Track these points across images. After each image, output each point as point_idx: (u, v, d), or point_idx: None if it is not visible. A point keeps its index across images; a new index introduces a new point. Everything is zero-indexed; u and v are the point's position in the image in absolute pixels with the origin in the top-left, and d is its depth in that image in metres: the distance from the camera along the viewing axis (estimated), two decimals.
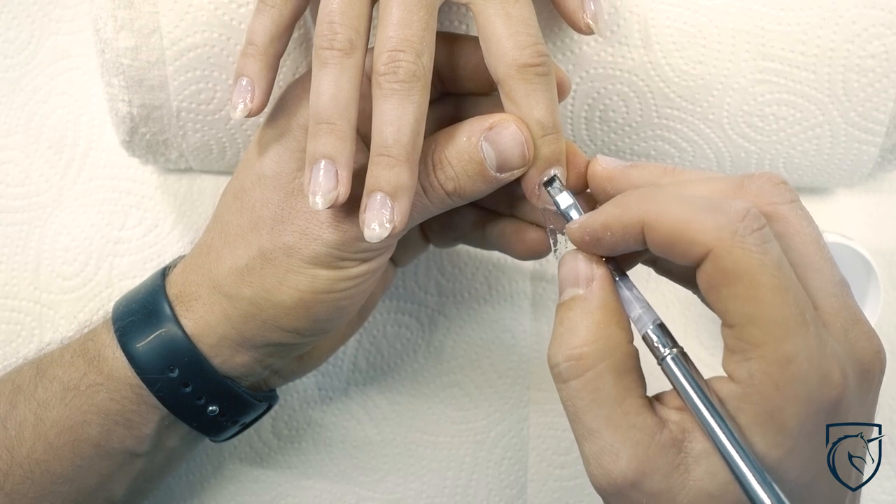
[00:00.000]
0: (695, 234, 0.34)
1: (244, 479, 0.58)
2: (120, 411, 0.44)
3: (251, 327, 0.43)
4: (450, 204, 0.42)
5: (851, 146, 0.49)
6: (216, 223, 0.45)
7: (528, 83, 0.39)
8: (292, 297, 0.42)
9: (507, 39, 0.39)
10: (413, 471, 0.58)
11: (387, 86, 0.38)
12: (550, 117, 0.40)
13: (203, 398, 0.44)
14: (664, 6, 0.46)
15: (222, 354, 0.44)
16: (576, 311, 0.37)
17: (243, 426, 0.48)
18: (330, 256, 0.41)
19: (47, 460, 0.44)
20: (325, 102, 0.38)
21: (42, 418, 0.44)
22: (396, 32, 0.38)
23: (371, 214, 0.38)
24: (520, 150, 0.39)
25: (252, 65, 0.42)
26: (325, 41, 0.39)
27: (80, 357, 0.45)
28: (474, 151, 0.40)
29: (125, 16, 0.46)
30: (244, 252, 0.43)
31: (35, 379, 0.45)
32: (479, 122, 0.40)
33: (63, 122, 0.57)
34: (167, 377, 0.44)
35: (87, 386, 0.44)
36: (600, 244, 0.37)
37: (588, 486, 0.59)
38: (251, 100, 0.41)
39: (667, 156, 0.50)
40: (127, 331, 0.44)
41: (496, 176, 0.40)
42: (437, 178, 0.41)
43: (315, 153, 0.39)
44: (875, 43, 0.46)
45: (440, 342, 0.58)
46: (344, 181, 0.38)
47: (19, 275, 0.57)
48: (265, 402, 0.48)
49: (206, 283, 0.44)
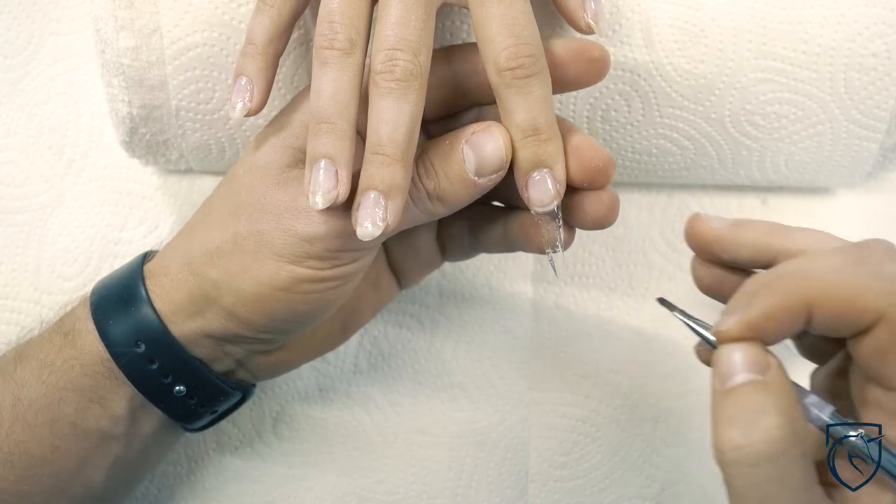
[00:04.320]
0: (865, 304, 0.34)
1: (245, 479, 0.58)
2: (93, 387, 0.45)
3: (209, 311, 0.44)
4: (431, 209, 0.42)
5: (852, 144, 0.49)
6: (203, 206, 0.46)
7: (506, 87, 0.39)
8: (251, 287, 0.42)
9: (490, 43, 0.39)
10: (414, 471, 0.58)
11: (383, 84, 0.38)
12: (531, 119, 0.39)
13: (169, 376, 0.44)
14: (666, 5, 0.46)
15: (187, 335, 0.44)
16: (761, 396, 0.35)
17: (216, 414, 0.48)
18: (300, 250, 0.41)
19: (25, 441, 0.45)
20: (325, 102, 0.38)
21: (20, 398, 0.45)
22: (394, 31, 0.38)
23: (364, 213, 0.38)
24: (497, 154, 0.40)
25: (251, 64, 0.42)
26: (325, 41, 0.39)
27: (56, 333, 0.46)
28: (455, 154, 0.40)
29: (126, 16, 0.46)
30: (219, 234, 0.43)
31: (14, 361, 0.46)
32: (466, 128, 0.41)
33: (63, 123, 0.57)
34: (133, 352, 0.44)
35: (63, 361, 0.45)
36: (766, 336, 0.36)
37: (589, 487, 0.59)
38: (250, 99, 0.42)
39: (668, 154, 0.50)
40: (100, 306, 0.45)
41: (475, 180, 0.40)
42: (422, 182, 0.41)
43: (315, 153, 0.39)
44: (876, 41, 0.46)
45: (441, 343, 0.58)
46: (344, 181, 0.39)
47: (19, 275, 0.57)
48: (238, 391, 0.48)
49: (179, 259, 0.44)
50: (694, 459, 0.58)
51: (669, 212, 0.57)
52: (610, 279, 0.57)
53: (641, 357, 0.58)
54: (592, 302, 0.58)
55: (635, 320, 0.58)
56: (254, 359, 0.48)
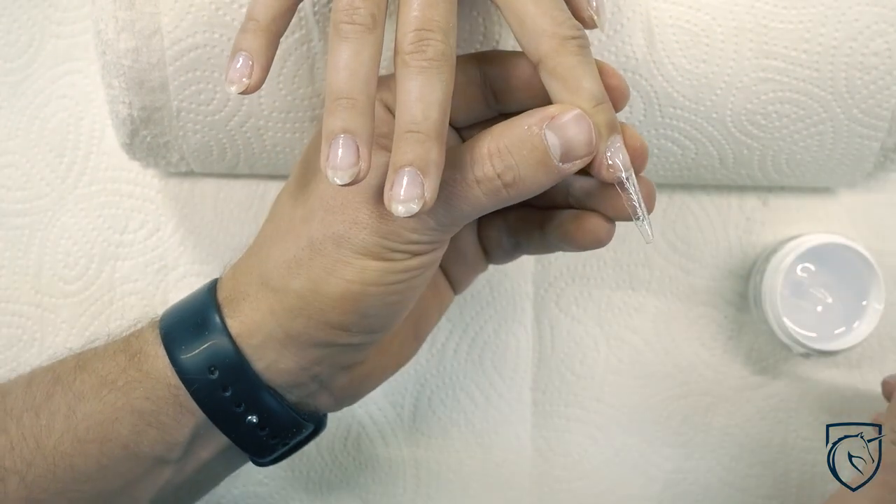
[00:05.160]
0: None
1: (248, 482, 0.58)
2: (154, 412, 0.43)
3: (297, 323, 0.42)
4: (504, 198, 0.40)
5: (853, 143, 0.49)
6: (269, 222, 0.45)
7: (573, 55, 0.38)
8: (340, 287, 0.41)
9: (542, 17, 0.38)
10: (414, 472, 0.58)
11: (415, 64, 0.37)
12: (599, 87, 0.39)
13: (242, 405, 0.43)
14: (667, 5, 0.46)
15: (267, 357, 0.43)
16: None
17: (286, 448, 0.46)
18: (379, 246, 0.40)
19: (72, 455, 0.43)
20: (344, 77, 0.37)
21: (75, 410, 0.43)
22: (422, 12, 0.37)
23: (400, 189, 0.36)
24: (586, 136, 0.38)
25: (252, 40, 0.40)
26: (345, 15, 0.37)
27: (122, 353, 0.44)
28: (537, 140, 0.38)
29: (126, 17, 0.46)
30: (293, 244, 0.42)
31: (75, 370, 0.44)
32: (540, 112, 0.39)
33: (64, 126, 0.57)
34: (206, 378, 0.42)
35: (125, 382, 0.43)
36: None
37: (589, 488, 0.59)
38: (248, 76, 0.40)
39: (669, 154, 0.50)
40: (171, 332, 0.43)
41: (559, 166, 0.38)
42: (495, 169, 0.39)
43: (334, 127, 0.37)
44: (878, 40, 0.46)
45: (442, 344, 0.58)
46: (365, 157, 0.37)
47: (21, 279, 0.57)
48: (311, 424, 0.46)
49: (255, 280, 0.43)
50: (694, 460, 0.58)
51: (670, 212, 0.57)
52: (610, 279, 0.57)
53: (642, 357, 0.58)
54: (593, 302, 0.58)
55: (636, 320, 0.58)
56: (337, 378, 0.45)
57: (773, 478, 0.58)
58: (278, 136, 0.50)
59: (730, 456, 0.58)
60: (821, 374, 0.57)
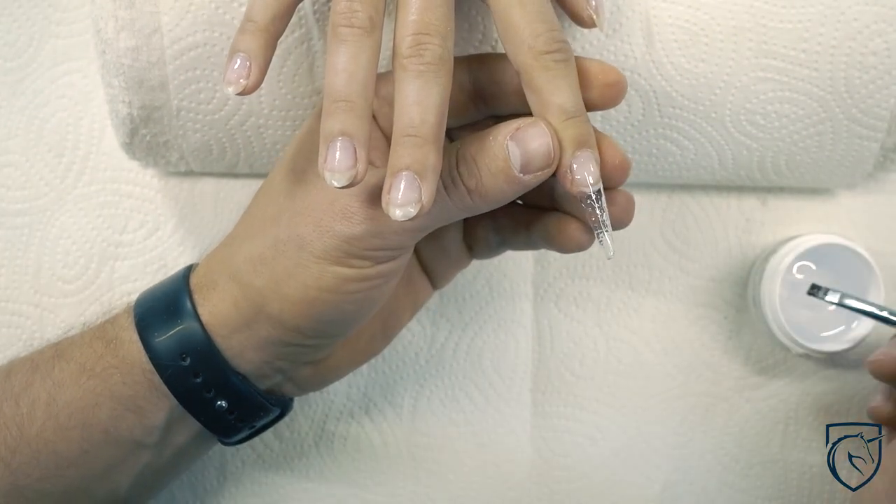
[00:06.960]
0: None
1: (246, 480, 0.58)
2: (132, 397, 0.44)
3: (258, 320, 0.43)
4: (470, 206, 0.40)
5: (853, 143, 0.49)
6: (244, 216, 0.46)
7: (546, 70, 0.39)
8: (298, 291, 0.42)
9: (524, 28, 0.39)
10: (414, 472, 0.58)
11: (412, 67, 0.37)
12: (572, 102, 0.39)
13: (212, 391, 0.44)
14: (666, 4, 0.46)
15: (233, 348, 0.44)
16: None
17: (253, 430, 0.48)
18: (340, 251, 0.41)
19: (55, 441, 0.44)
20: (342, 80, 0.37)
21: (55, 398, 0.44)
22: (420, 16, 0.38)
23: (397, 193, 0.37)
24: (545, 150, 0.39)
25: (251, 41, 0.40)
26: (343, 18, 0.38)
27: (98, 339, 0.45)
28: (499, 149, 0.39)
29: (126, 16, 0.46)
30: (261, 241, 0.43)
31: (53, 359, 0.45)
32: (508, 124, 0.39)
33: (63, 125, 0.57)
34: (178, 365, 0.43)
35: (103, 368, 0.44)
36: None
37: (588, 488, 0.59)
38: (246, 77, 0.39)
39: (668, 154, 0.51)
40: (145, 318, 0.44)
41: (519, 177, 0.39)
42: (461, 175, 0.40)
43: (332, 130, 0.37)
44: (877, 40, 0.46)
45: (441, 344, 0.58)
46: (362, 160, 0.37)
47: (20, 278, 0.57)
48: (277, 407, 0.47)
49: (225, 270, 0.44)
50: (694, 460, 0.58)
51: (669, 212, 0.57)
52: (610, 279, 0.57)
53: (641, 357, 0.58)
54: (592, 302, 0.58)
55: (635, 321, 0.58)
56: (300, 370, 0.47)
57: (773, 478, 0.58)
58: (278, 135, 0.50)
59: (730, 456, 0.58)
60: (820, 374, 0.57)
